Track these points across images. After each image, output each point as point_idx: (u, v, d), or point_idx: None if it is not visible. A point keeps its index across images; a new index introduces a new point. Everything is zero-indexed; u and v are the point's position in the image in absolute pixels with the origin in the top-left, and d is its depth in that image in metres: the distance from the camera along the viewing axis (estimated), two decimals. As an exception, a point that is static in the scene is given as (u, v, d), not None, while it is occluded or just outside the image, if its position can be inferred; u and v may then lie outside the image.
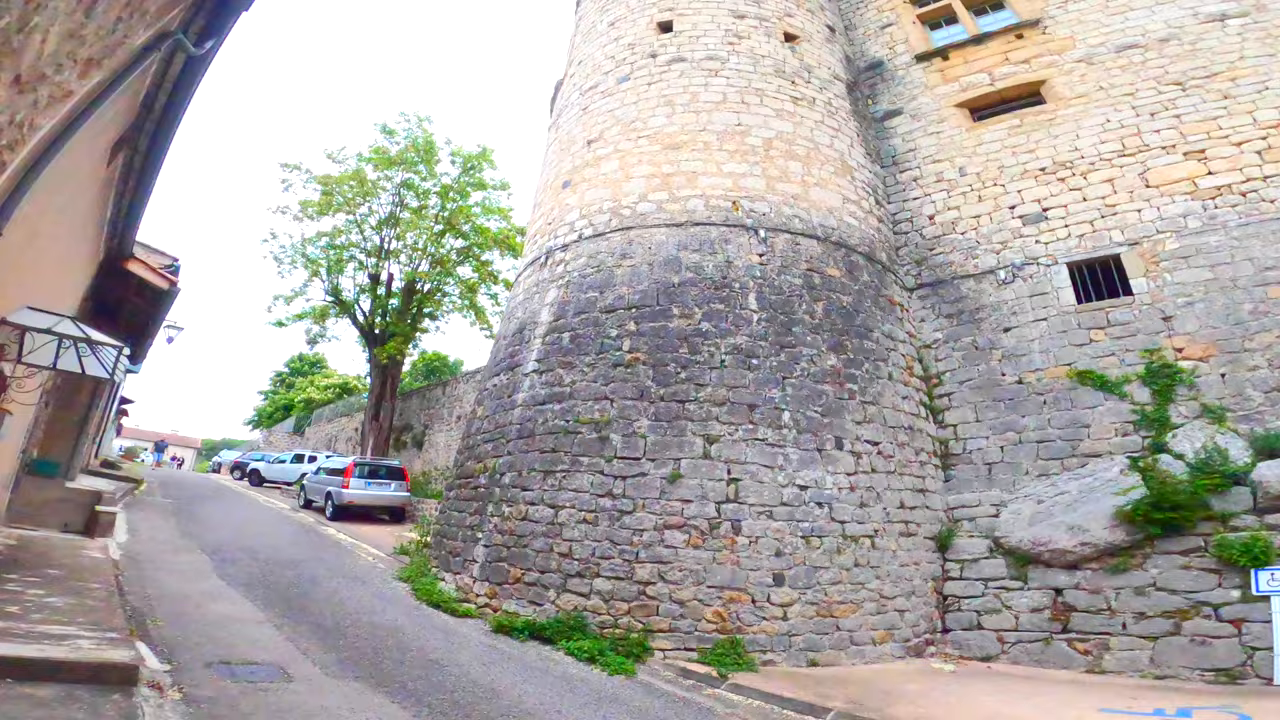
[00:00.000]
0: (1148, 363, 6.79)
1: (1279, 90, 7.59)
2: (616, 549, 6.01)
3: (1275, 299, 6.50)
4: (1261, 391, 6.24)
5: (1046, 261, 7.93)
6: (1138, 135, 8.14)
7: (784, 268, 7.84)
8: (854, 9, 13.38)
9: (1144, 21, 9.20)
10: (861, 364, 7.49)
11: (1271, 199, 6.96)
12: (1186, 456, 6.10)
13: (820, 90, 10.52)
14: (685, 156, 8.94)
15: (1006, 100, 9.83)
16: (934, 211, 9.24)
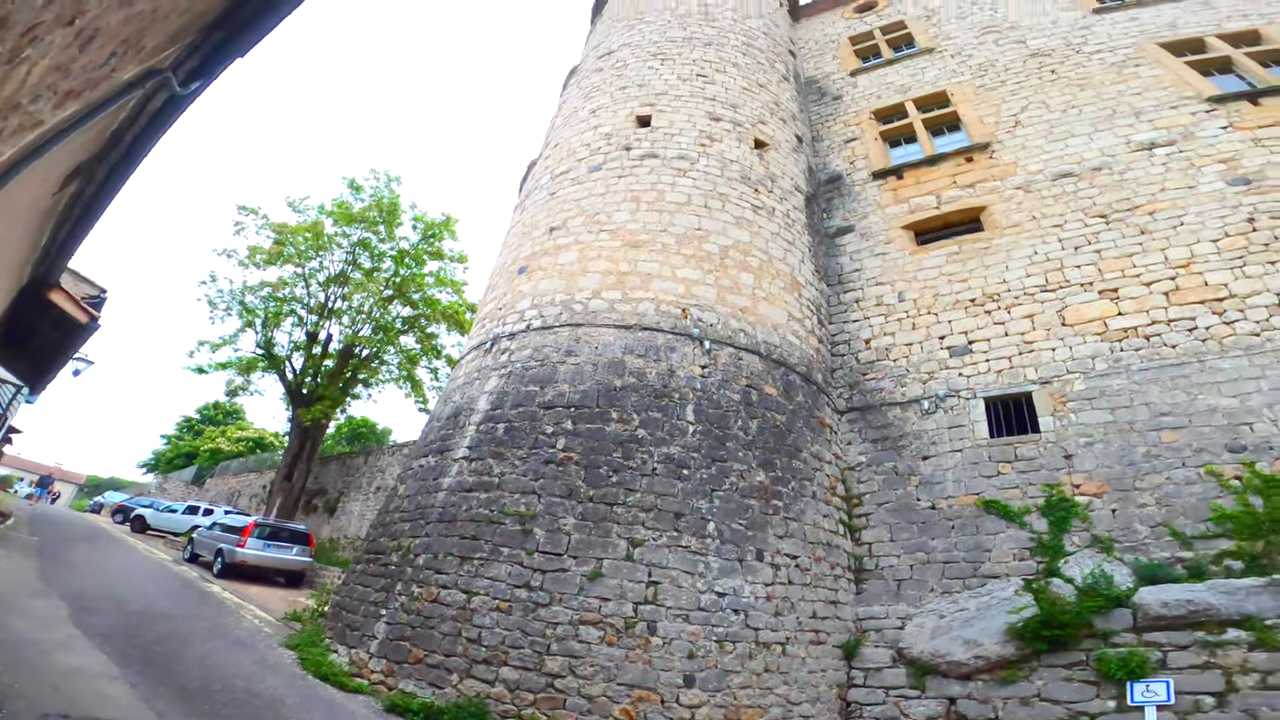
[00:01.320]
0: (1048, 496, 7.92)
1: (1192, 227, 9.12)
2: (528, 639, 6.44)
3: (1167, 443, 7.73)
4: (1148, 526, 7.37)
5: (967, 395, 9.19)
6: (1060, 270, 9.66)
7: (724, 382, 8.84)
8: (823, 121, 15.49)
9: (1081, 149, 11.01)
10: (789, 482, 8.39)
11: (1173, 344, 8.33)
12: (1076, 581, 7.12)
13: (780, 200, 12.04)
14: (643, 257, 10.02)
15: (950, 225, 11.46)
16: (871, 336, 10.57)
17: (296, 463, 20.77)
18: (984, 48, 14.51)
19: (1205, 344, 8.08)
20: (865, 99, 15.20)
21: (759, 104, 13.95)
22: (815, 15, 19.88)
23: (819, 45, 18.34)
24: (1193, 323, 8.29)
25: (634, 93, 13.72)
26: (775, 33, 17.75)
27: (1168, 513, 7.30)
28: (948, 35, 15.62)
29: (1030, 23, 14.52)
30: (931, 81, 14.45)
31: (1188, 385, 7.89)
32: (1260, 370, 7.64)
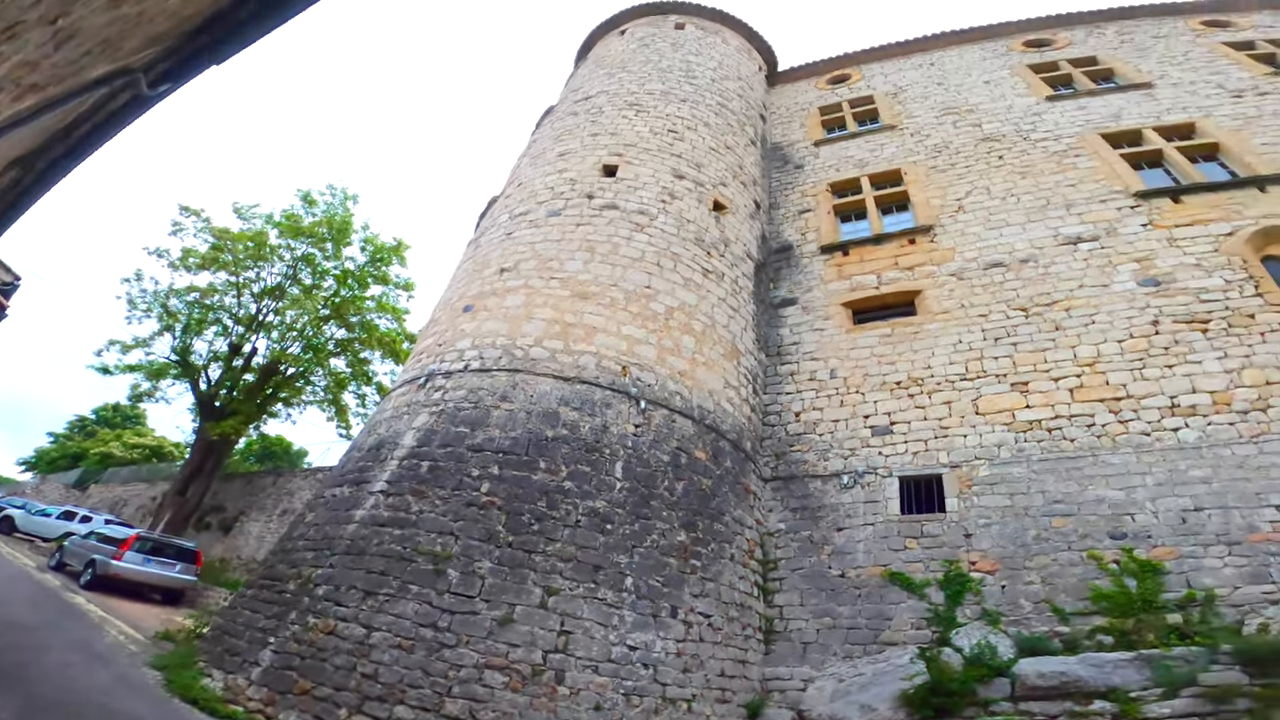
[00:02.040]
0: (947, 571, 8.77)
1: (1101, 326, 10.23)
2: (429, 680, 6.71)
3: (1056, 528, 8.70)
4: (1032, 602, 8.27)
5: (884, 473, 10.08)
6: (980, 360, 10.69)
7: (656, 442, 9.50)
8: (783, 188, 16.59)
9: (1014, 239, 12.13)
10: (709, 543, 9.02)
11: (1071, 438, 9.36)
12: (964, 651, 7.91)
13: (731, 266, 12.90)
14: (590, 309, 10.65)
15: (887, 306, 12.36)
16: (801, 409, 11.45)
17: (195, 477, 20.43)
18: (942, 129, 16.01)
19: (1100, 440, 9.17)
20: (825, 170, 16.47)
21: (723, 166, 15.05)
22: (790, 82, 21.55)
23: (789, 112, 19.82)
24: (1091, 419, 9.40)
25: (604, 140, 14.60)
26: (750, 96, 19.19)
27: (1050, 590, 8.24)
28: (910, 113, 17.17)
29: (989, 106, 16.13)
30: (888, 159, 15.82)
31: (1080, 477, 8.94)
32: (1147, 467, 8.73)
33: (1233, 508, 8.13)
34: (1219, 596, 7.65)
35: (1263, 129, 12.68)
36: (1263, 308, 9.58)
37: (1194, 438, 8.79)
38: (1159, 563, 8.01)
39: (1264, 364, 9.06)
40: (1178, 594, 7.77)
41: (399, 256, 23.18)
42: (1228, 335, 9.49)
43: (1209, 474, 8.42)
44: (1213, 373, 9.23)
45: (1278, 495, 8.06)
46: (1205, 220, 11.02)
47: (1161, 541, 8.18)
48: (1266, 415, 8.61)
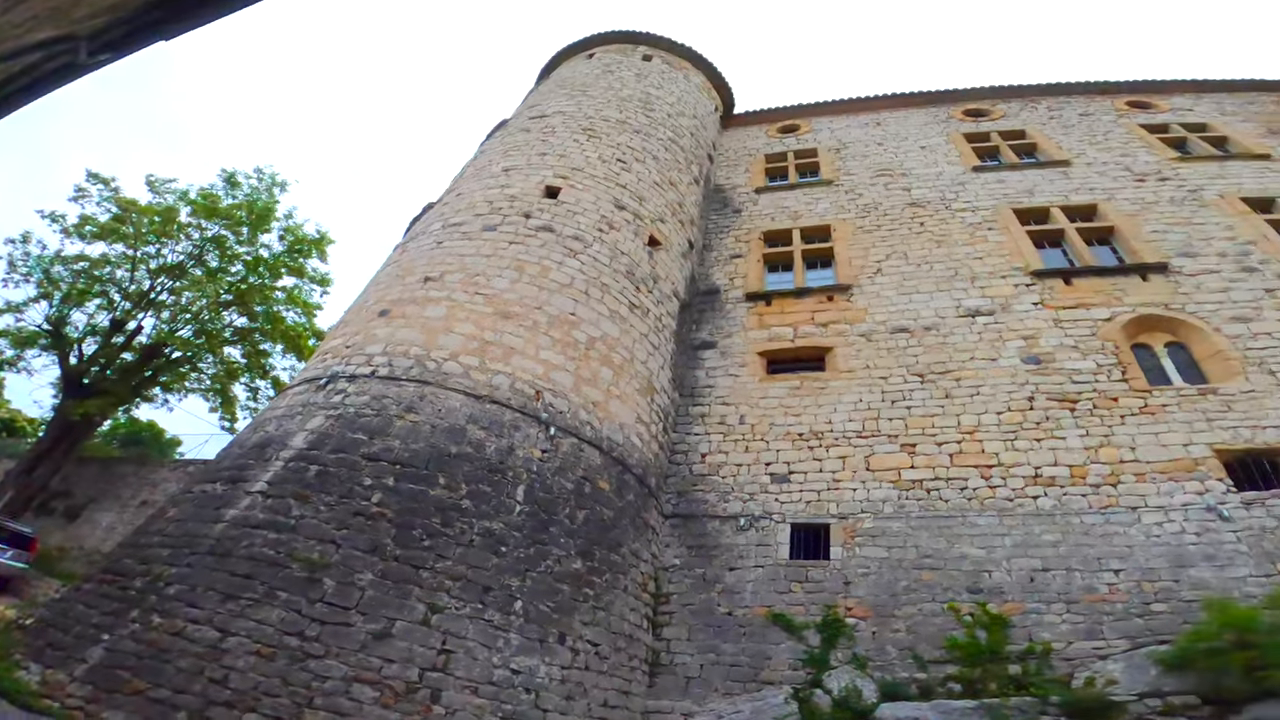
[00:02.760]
0: (825, 615, 9.65)
1: (985, 397, 11.47)
2: (288, 689, 6.80)
3: (924, 581, 9.74)
4: (897, 649, 9.21)
5: (778, 519, 10.94)
6: (876, 420, 11.74)
7: (561, 470, 9.97)
8: (719, 231, 17.50)
9: (920, 307, 13.30)
10: (604, 573, 9.53)
11: (946, 499, 10.50)
12: (833, 693, 8.74)
13: (657, 303, 13.59)
14: (511, 329, 11.06)
15: (799, 359, 13.30)
16: (708, 451, 12.23)
17: (44, 458, 19.44)
18: (874, 189, 17.35)
19: (970, 502, 10.35)
20: (761, 218, 17.55)
21: (664, 201, 15.86)
22: (743, 126, 22.83)
23: (737, 156, 21.01)
24: (965, 483, 10.58)
25: (552, 161, 15.18)
26: (702, 135, 20.28)
27: (914, 639, 9.21)
28: (849, 170, 18.50)
29: (921, 171, 17.56)
30: (820, 214, 17.00)
31: (949, 535, 10.06)
32: (1007, 529, 9.93)
33: (1075, 570, 9.36)
34: (1055, 650, 8.76)
35: (1155, 216, 14.44)
36: (1126, 392, 11.08)
37: (1050, 505, 10.07)
38: (1007, 617, 9.11)
39: (1119, 444, 10.48)
40: (1020, 646, 8.84)
41: (320, 250, 23.03)
42: (1092, 415, 10.91)
43: (1059, 539, 9.67)
44: (1074, 448, 10.59)
45: (1116, 561, 9.37)
46: (1089, 304, 12.62)
47: (1011, 597, 9.30)
48: (1115, 490, 9.99)
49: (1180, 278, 12.78)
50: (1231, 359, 11.24)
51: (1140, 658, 8.44)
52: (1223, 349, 11.41)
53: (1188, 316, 12.06)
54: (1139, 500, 9.90)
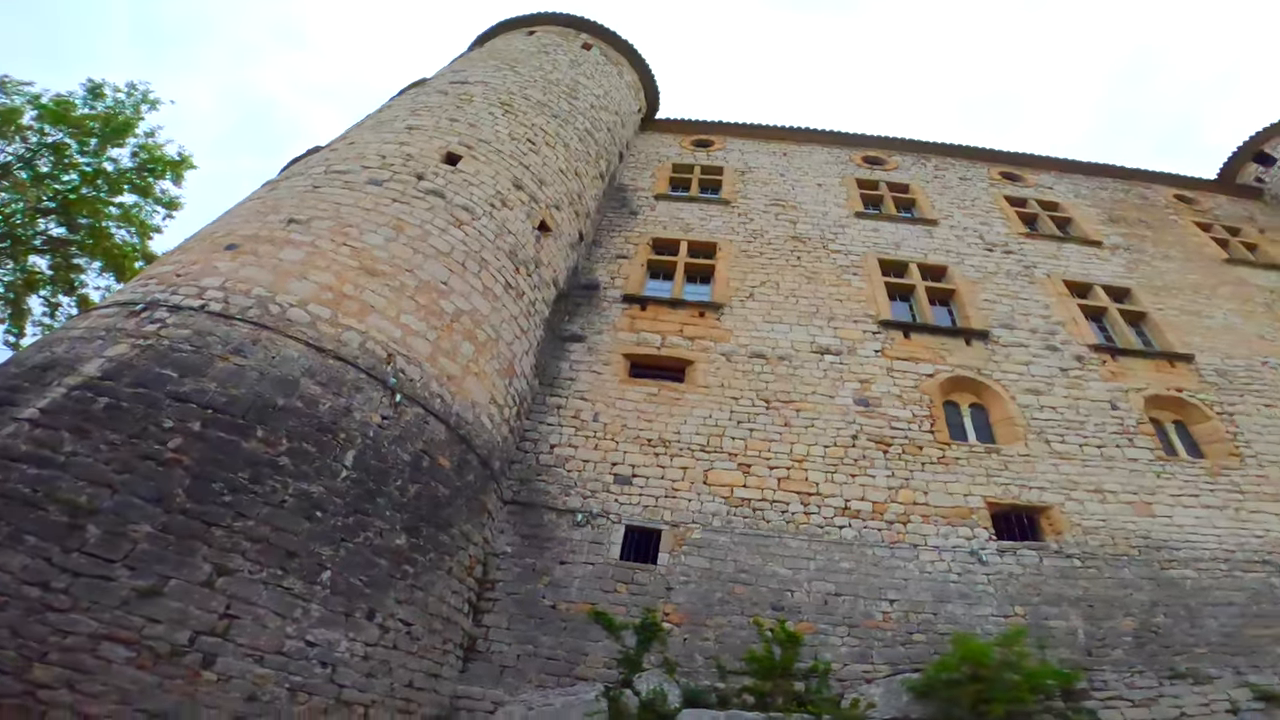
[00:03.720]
0: (644, 618, 9.75)
1: (817, 431, 12.00)
2: (17, 641, 5.91)
3: (737, 594, 10.09)
4: (704, 657, 9.47)
5: (614, 519, 10.98)
6: (721, 437, 12.02)
7: (400, 439, 9.37)
8: (611, 229, 17.28)
9: (780, 336, 13.77)
10: (428, 552, 9.10)
11: (768, 520, 10.95)
12: (642, 694, 8.82)
13: (534, 288, 13.19)
14: (374, 287, 10.32)
15: (662, 368, 13.39)
16: (558, 443, 12.09)
17: None
18: (765, 217, 17.85)
19: (788, 525, 10.89)
20: (654, 224, 17.64)
21: (565, 190, 15.52)
22: (660, 132, 22.81)
23: (646, 160, 20.98)
24: (786, 507, 11.13)
25: (461, 129, 14.48)
26: (619, 133, 20.05)
27: (720, 649, 9.51)
28: (747, 195, 18.91)
29: (810, 208, 18.23)
30: (711, 231, 17.30)
31: (765, 553, 10.53)
32: (813, 554, 10.54)
33: (861, 597, 10.08)
34: (834, 671, 9.36)
35: (992, 286, 15.80)
36: (930, 443, 12.13)
37: (851, 536, 10.79)
38: (801, 635, 9.62)
39: (916, 487, 11.44)
40: (807, 664, 9.38)
41: (176, 173, 20.77)
42: (900, 459, 11.83)
43: (853, 567, 10.38)
44: (880, 486, 11.43)
45: (893, 592, 10.20)
46: (918, 359, 13.67)
47: (807, 617, 9.86)
48: (905, 528, 10.91)
49: (996, 346, 14.13)
50: (1018, 425, 12.58)
51: (896, 684, 9.15)
52: (1013, 415, 12.74)
53: (992, 383, 13.36)
54: (921, 539, 10.86)
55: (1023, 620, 10.08)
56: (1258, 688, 9.38)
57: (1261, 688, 9.39)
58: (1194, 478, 12.23)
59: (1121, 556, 11.01)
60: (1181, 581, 10.85)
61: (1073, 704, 9.03)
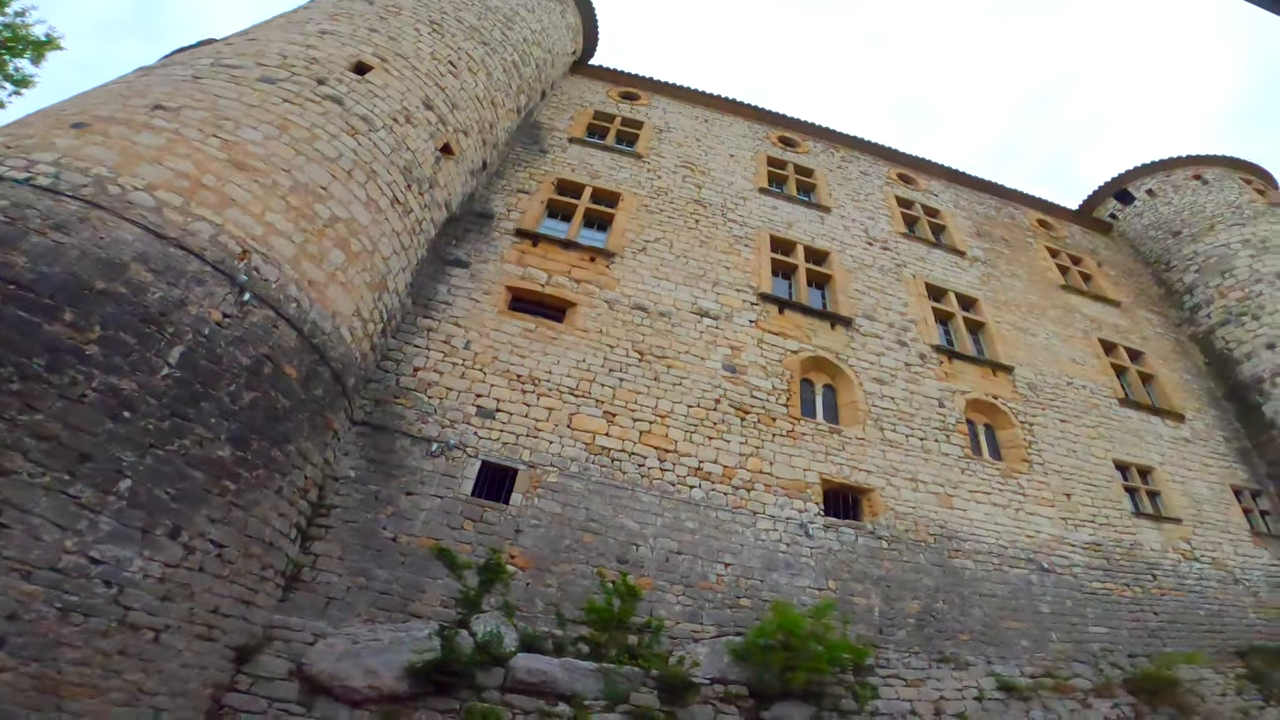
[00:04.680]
0: (489, 559, 9.32)
1: (684, 389, 11.91)
2: None
3: (585, 543, 9.93)
4: (544, 603, 9.25)
5: (471, 453, 10.46)
6: (591, 382, 11.73)
7: (241, 341, 8.32)
8: (517, 163, 16.27)
9: (664, 293, 13.56)
10: (256, 468, 8.23)
11: (625, 472, 10.80)
12: (478, 635, 8.44)
13: (424, 208, 12.20)
14: (241, 181, 9.06)
15: (543, 304, 12.88)
16: (422, 367, 11.33)
17: None
18: (673, 177, 17.41)
19: (643, 479, 10.85)
20: (562, 165, 16.81)
21: (477, 117, 14.42)
22: (588, 78, 21.66)
23: (569, 102, 19.91)
24: (644, 461, 11.07)
25: (380, 40, 13.03)
26: (546, 71, 18.72)
27: (562, 596, 9.35)
28: (660, 153, 18.34)
29: (718, 176, 17.97)
30: (618, 181, 16.70)
31: (618, 504, 10.45)
32: (662, 510, 10.58)
33: (700, 558, 10.24)
34: (666, 628, 9.46)
35: (864, 278, 16.30)
36: (784, 416, 12.47)
37: (700, 497, 10.93)
38: (640, 590, 9.61)
39: (764, 457, 11.74)
40: (642, 619, 9.42)
41: (37, 53, 17.85)
42: (755, 428, 12.07)
43: (697, 527, 10.53)
44: (733, 452, 11.64)
45: (729, 556, 10.43)
46: (788, 335, 13.96)
47: (648, 573, 9.91)
48: (748, 495, 11.18)
49: (856, 334, 14.72)
50: (860, 410, 13.24)
51: (720, 645, 9.42)
52: (858, 400, 13.39)
53: (847, 368, 13.93)
54: (761, 507, 11.20)
55: (833, 594, 10.61)
56: (1001, 678, 10.34)
57: (1004, 678, 10.34)
58: (989, 477, 13.34)
59: (920, 543, 11.83)
60: (961, 571, 11.78)
61: (860, 679, 9.64)
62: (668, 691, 8.56)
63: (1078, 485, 14.05)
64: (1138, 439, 15.75)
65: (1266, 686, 12.08)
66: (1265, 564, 14.65)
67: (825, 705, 9.07)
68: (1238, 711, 11.37)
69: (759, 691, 8.87)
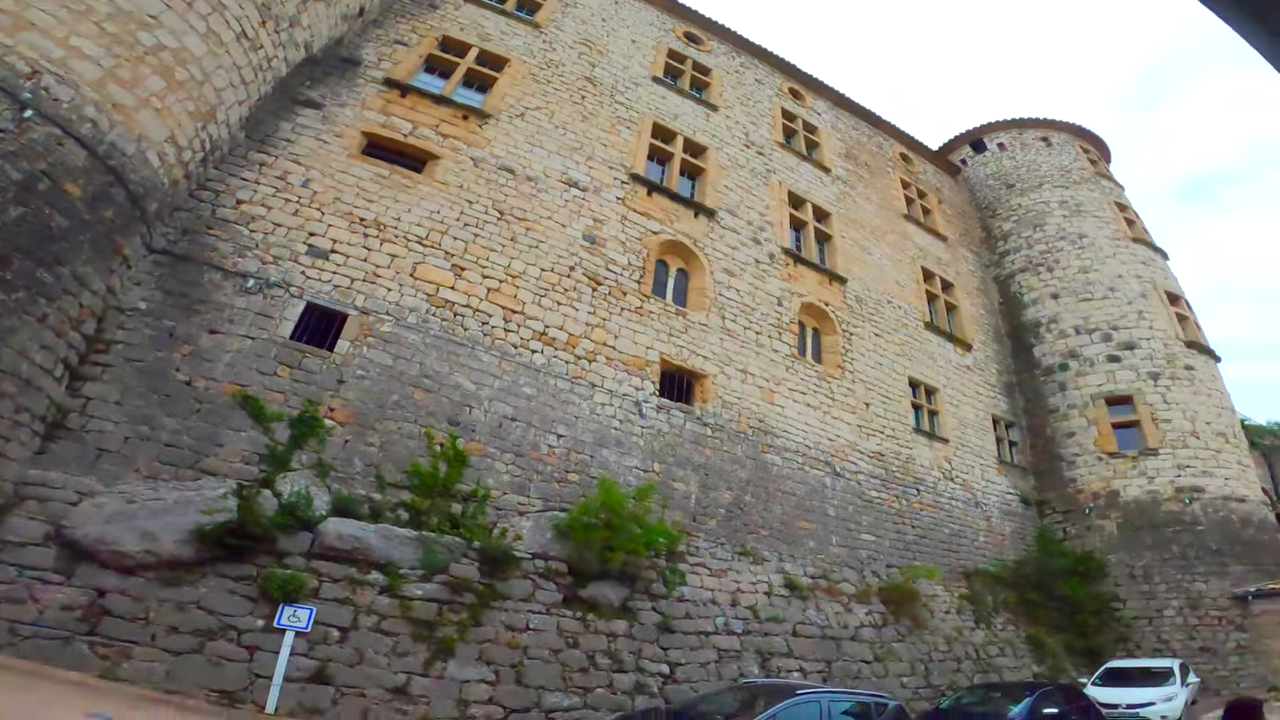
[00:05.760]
0: (304, 411, 7.90)
1: (541, 253, 10.78)
2: None
3: (416, 400, 8.68)
4: (365, 463, 7.98)
5: (296, 293, 8.75)
6: (443, 234, 10.18)
7: (15, 155, 6.52)
8: (399, 14, 13.36)
9: (536, 159, 11.91)
10: (18, 290, 6.34)
11: (467, 328, 9.58)
12: (284, 497, 7.03)
13: (277, 46, 9.90)
14: (45, 6, 7.15)
15: (403, 154, 10.99)
16: (248, 200, 9.23)
17: None
18: (569, 52, 15.04)
19: (485, 338, 9.66)
20: (451, 23, 13.93)
21: None
22: None
23: None
24: (489, 319, 9.85)
25: None
26: None
27: (384, 456, 8.13)
28: (560, 26, 15.64)
29: (615, 58, 15.80)
30: (509, 48, 14.13)
31: (455, 362, 9.24)
32: (502, 373, 9.52)
33: (534, 426, 9.37)
34: (493, 498, 8.50)
35: (734, 176, 15.22)
36: (635, 292, 11.60)
37: (541, 362, 9.97)
38: (469, 455, 8.56)
39: (611, 330, 10.93)
40: (469, 488, 8.38)
41: None
42: (605, 300, 11.13)
43: (534, 394, 9.62)
44: (580, 321, 10.67)
45: (563, 427, 9.60)
46: (652, 216, 12.84)
47: (480, 438, 8.89)
48: (590, 366, 10.38)
49: (717, 227, 13.81)
50: (708, 297, 12.60)
51: (545, 520, 8.60)
52: (706, 288, 12.71)
53: (703, 255, 13.12)
54: (600, 380, 10.43)
55: (657, 477, 10.05)
56: (789, 576, 10.28)
57: (791, 577, 10.31)
58: (808, 378, 13.24)
59: (740, 434, 11.52)
60: (770, 466, 11.60)
61: (672, 565, 9.23)
62: (489, 564, 7.75)
63: (876, 396, 14.29)
64: (931, 361, 16.24)
65: (980, 609, 12.69)
66: (1002, 491, 15.66)
67: (638, 588, 8.70)
68: (955, 630, 11.87)
69: (578, 569, 8.31)
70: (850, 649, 10.16)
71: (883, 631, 10.79)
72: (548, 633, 7.73)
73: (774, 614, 9.80)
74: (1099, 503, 15.59)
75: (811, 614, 10.20)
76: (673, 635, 8.61)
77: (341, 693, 6.34)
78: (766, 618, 9.68)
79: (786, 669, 9.28)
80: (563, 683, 7.49)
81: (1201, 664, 12.93)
